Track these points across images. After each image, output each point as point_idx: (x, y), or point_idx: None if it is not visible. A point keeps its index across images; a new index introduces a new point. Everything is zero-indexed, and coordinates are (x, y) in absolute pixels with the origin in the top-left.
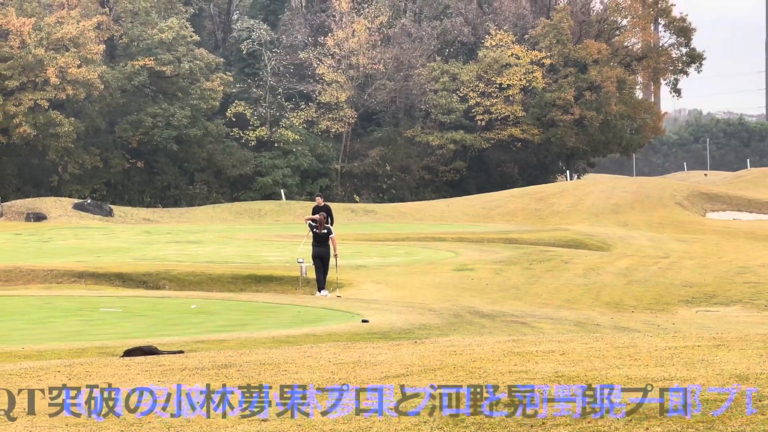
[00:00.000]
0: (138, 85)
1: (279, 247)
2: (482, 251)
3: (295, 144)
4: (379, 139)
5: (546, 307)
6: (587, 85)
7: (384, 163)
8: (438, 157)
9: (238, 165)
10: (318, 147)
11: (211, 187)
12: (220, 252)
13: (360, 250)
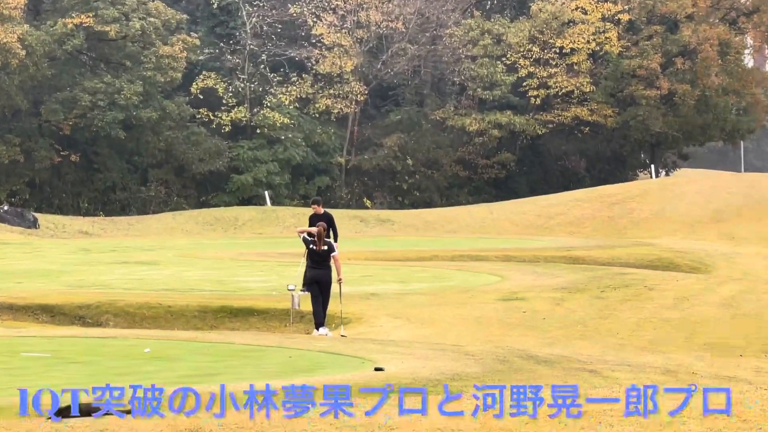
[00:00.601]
0: (72, 52)
1: (262, 270)
2: (537, 274)
3: (284, 130)
4: (398, 123)
5: (623, 349)
6: (678, 49)
7: (404, 156)
8: (477, 147)
9: (207, 159)
10: (315, 134)
11: (170, 189)
12: (182, 276)
13: (372, 273)
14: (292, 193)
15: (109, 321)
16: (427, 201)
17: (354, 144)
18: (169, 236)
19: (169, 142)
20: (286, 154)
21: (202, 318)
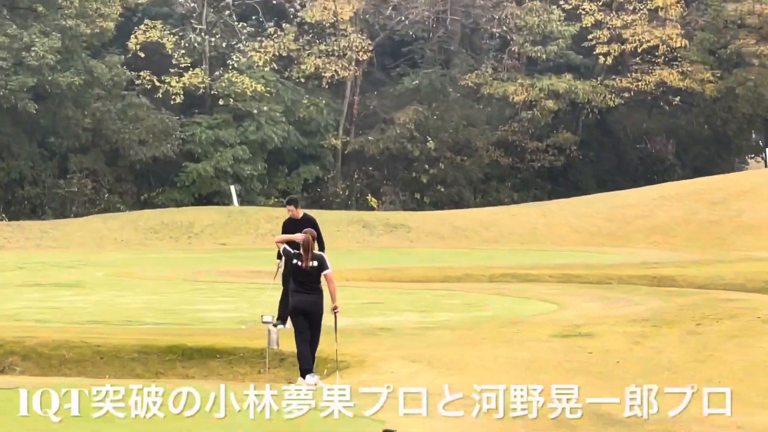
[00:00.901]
0: None
1: (227, 295)
2: (608, 301)
3: (258, 101)
4: (415, 91)
5: None
6: None
7: (423, 137)
8: (524, 124)
9: (151, 141)
10: (300, 107)
11: (99, 183)
12: (116, 304)
13: (380, 300)
14: (268, 188)
15: (15, 366)
16: (456, 199)
17: (354, 120)
18: (98, 248)
19: (97, 117)
20: (259, 135)
21: (144, 362)
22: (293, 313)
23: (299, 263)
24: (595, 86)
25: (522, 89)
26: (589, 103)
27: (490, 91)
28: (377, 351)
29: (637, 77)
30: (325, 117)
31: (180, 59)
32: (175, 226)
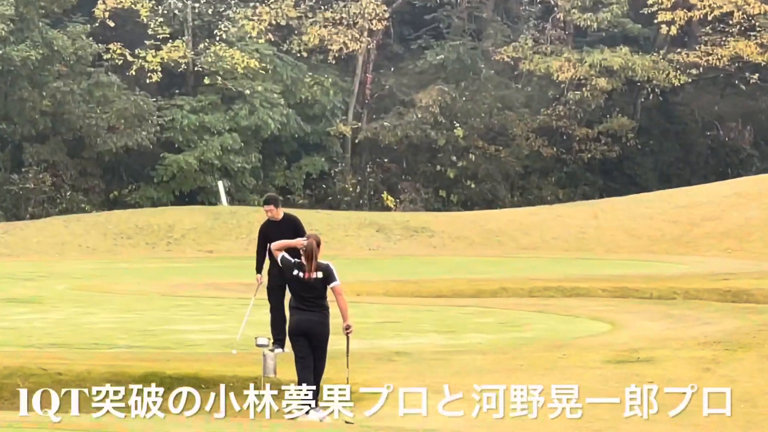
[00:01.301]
0: None
1: (215, 312)
2: (672, 320)
3: (251, 79)
4: (439, 67)
5: None
6: None
7: (450, 122)
8: (572, 106)
9: (122, 127)
10: (302, 86)
11: (61, 178)
12: (81, 323)
13: (398, 318)
14: (262, 184)
15: None
16: (489, 198)
17: (366, 103)
18: (59, 256)
19: (58, 99)
20: (252, 120)
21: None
22: (293, 335)
23: (301, 274)
24: (656, 61)
25: (568, 65)
26: (649, 82)
27: (530, 68)
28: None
29: (707, 51)
30: (331, 99)
31: (157, 29)
32: (152, 229)
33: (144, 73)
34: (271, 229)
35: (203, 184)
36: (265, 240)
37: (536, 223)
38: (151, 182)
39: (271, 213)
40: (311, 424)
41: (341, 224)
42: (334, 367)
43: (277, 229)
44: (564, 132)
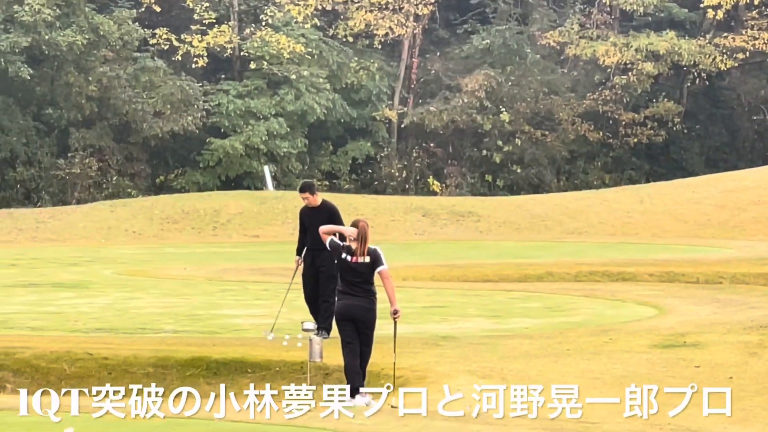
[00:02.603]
0: None
1: (261, 297)
2: (719, 304)
3: (296, 64)
4: (485, 51)
5: None
6: None
7: (496, 106)
8: (618, 91)
9: (168, 113)
10: (347, 71)
11: (106, 162)
12: (127, 308)
13: (444, 303)
14: (308, 168)
15: (7, 383)
16: (535, 182)
17: (412, 88)
18: (106, 241)
19: (104, 84)
20: (298, 105)
21: (161, 377)
22: (340, 320)
23: (349, 258)
24: (702, 46)
25: (614, 50)
26: (695, 66)
27: (577, 53)
28: (440, 365)
29: (754, 35)
30: (377, 84)
31: (203, 14)
32: (198, 214)
33: (190, 58)
34: (308, 215)
35: (249, 169)
36: (303, 225)
37: (582, 208)
38: (197, 167)
39: (307, 200)
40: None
41: (387, 209)
42: (380, 352)
43: (313, 216)
44: (610, 117)
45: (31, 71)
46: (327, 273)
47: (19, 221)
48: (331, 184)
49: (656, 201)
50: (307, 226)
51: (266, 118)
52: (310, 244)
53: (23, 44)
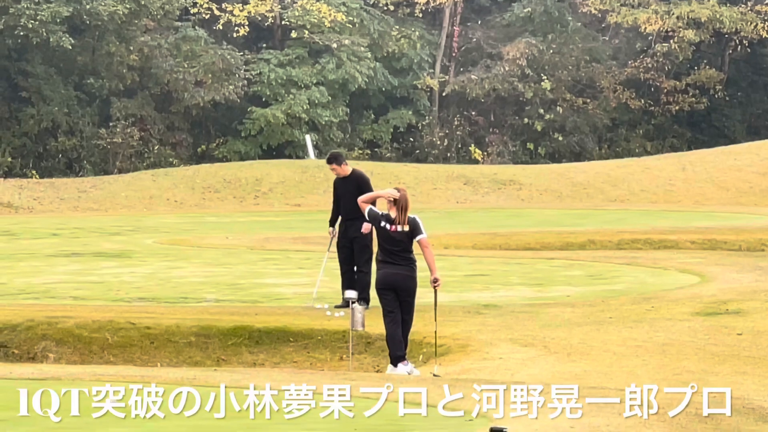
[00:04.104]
0: None
1: (303, 266)
2: (762, 272)
3: (338, 33)
4: (527, 20)
5: None
6: None
7: (537, 75)
8: (659, 59)
9: (210, 82)
10: (389, 40)
11: (148, 132)
12: (170, 278)
13: (486, 271)
14: (350, 137)
15: (49, 353)
16: (577, 150)
17: (454, 56)
18: (147, 210)
19: (145, 54)
20: (340, 74)
21: (203, 347)
22: (381, 289)
23: (388, 226)
24: (744, 12)
25: (656, 17)
26: (737, 34)
27: (618, 20)
28: (482, 333)
29: None
30: (418, 52)
31: None
32: (239, 183)
33: (231, 27)
34: (339, 186)
35: (291, 138)
36: (336, 195)
37: (624, 176)
38: (239, 136)
39: (335, 171)
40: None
41: (429, 177)
42: (422, 321)
43: (344, 185)
44: (651, 84)
45: (72, 41)
46: (361, 243)
47: (61, 191)
48: (373, 153)
49: (698, 168)
50: (339, 196)
51: (307, 87)
52: (343, 214)
53: (64, 14)
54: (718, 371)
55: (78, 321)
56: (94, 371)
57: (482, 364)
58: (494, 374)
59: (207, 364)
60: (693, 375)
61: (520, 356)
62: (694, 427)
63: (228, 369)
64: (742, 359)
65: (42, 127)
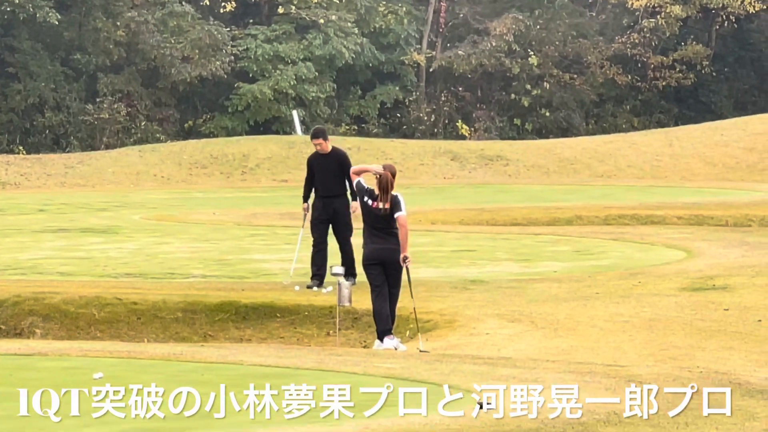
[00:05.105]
0: None
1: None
2: (749, 247)
3: (324, 8)
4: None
5: None
6: None
7: (524, 50)
8: (646, 34)
9: (197, 57)
10: (375, 15)
11: (135, 108)
12: (156, 253)
13: (473, 247)
14: (337, 113)
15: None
16: (563, 126)
17: (441, 31)
18: (135, 186)
19: (132, 29)
20: (327, 49)
21: (190, 322)
22: (368, 264)
23: (370, 202)
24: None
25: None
26: (724, 9)
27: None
28: (469, 308)
29: None
30: (405, 27)
31: None
32: (226, 159)
33: (218, 2)
34: (318, 162)
35: (278, 113)
36: (311, 172)
37: (611, 151)
38: (226, 112)
39: (320, 146)
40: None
41: (416, 153)
42: (408, 296)
43: (324, 163)
44: (638, 60)
45: (59, 16)
46: (342, 220)
47: (48, 166)
48: (360, 129)
49: (685, 144)
50: (317, 173)
51: (294, 63)
52: (322, 192)
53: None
54: (704, 346)
55: (65, 297)
56: (80, 347)
57: (469, 340)
58: (481, 350)
59: (194, 339)
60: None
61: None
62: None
63: (215, 344)
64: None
65: (29, 103)
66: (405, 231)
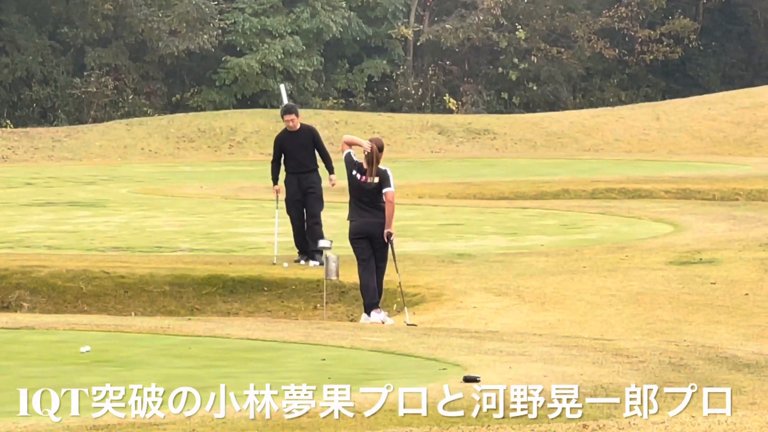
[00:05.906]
0: None
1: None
2: (736, 221)
3: None
4: None
5: None
6: None
7: (512, 24)
8: (634, 8)
9: (184, 31)
10: None
11: (123, 81)
12: (144, 227)
13: (460, 221)
14: (325, 86)
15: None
16: (551, 99)
17: (428, 6)
18: (122, 159)
19: (119, 3)
20: (314, 23)
21: (177, 296)
22: (354, 238)
23: (358, 176)
24: None
25: None
26: None
27: None
28: (457, 282)
29: None
30: (393, 1)
31: None
32: (214, 133)
33: None
34: (288, 140)
35: (265, 87)
36: (280, 151)
37: (598, 125)
38: (213, 86)
39: (292, 122)
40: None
41: (403, 127)
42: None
43: (295, 140)
44: (626, 34)
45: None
46: (316, 194)
47: (35, 140)
48: (347, 102)
49: (672, 118)
50: (289, 150)
51: (282, 36)
52: (295, 168)
53: None
54: (691, 320)
55: (52, 270)
56: (68, 320)
57: (456, 314)
58: (468, 323)
59: (181, 313)
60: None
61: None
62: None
63: (202, 318)
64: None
65: (16, 77)
66: (392, 207)
